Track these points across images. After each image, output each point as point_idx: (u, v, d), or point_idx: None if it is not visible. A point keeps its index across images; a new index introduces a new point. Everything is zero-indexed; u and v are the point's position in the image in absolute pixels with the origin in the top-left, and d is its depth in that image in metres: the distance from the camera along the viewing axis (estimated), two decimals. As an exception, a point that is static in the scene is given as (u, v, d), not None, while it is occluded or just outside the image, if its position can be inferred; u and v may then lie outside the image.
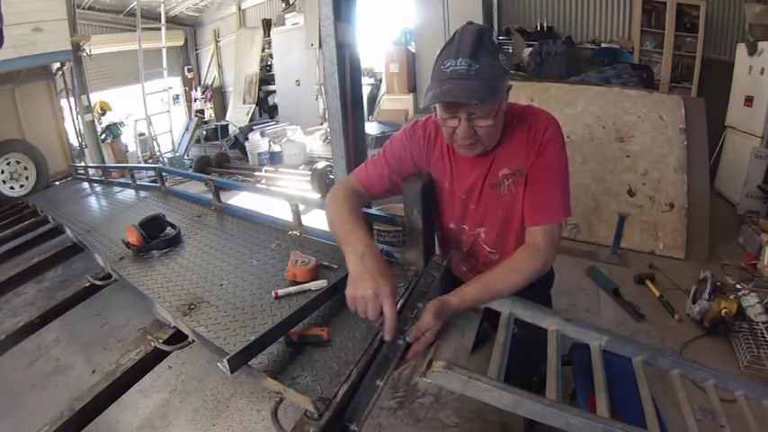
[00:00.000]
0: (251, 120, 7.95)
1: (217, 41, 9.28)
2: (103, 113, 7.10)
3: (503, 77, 0.97)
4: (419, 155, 1.18)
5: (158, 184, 2.43)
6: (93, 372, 2.11)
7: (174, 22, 8.81)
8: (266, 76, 8.26)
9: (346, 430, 0.74)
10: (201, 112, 8.87)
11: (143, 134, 6.86)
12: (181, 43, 9.38)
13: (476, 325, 1.00)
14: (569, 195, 1.08)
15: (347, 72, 2.25)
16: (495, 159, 1.09)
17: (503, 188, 1.10)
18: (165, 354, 1.12)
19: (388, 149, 1.20)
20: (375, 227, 2.49)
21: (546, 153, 1.04)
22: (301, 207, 1.55)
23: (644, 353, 0.98)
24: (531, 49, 4.90)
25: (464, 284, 1.00)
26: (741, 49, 3.84)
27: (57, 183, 4.09)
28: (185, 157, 6.90)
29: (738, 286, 2.32)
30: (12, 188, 3.81)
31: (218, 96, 9.38)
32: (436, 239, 1.29)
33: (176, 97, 8.78)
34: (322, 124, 6.19)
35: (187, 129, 7.34)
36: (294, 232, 1.52)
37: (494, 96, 0.95)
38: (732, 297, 2.17)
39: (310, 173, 4.62)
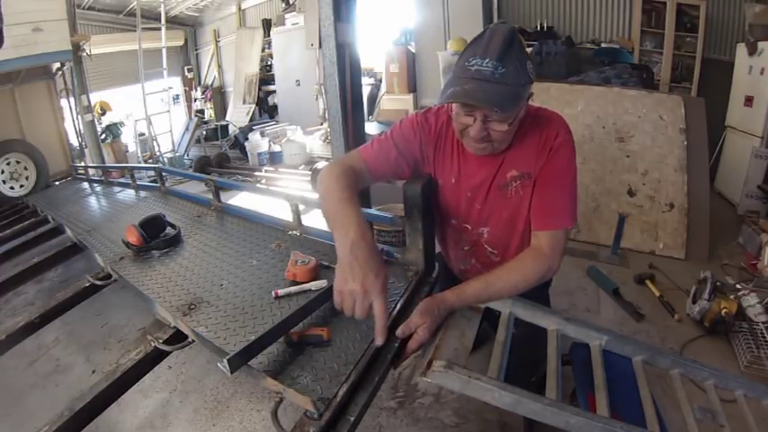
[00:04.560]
0: (251, 120, 7.93)
1: (217, 41, 9.27)
2: (103, 113, 7.07)
3: (527, 86, 0.95)
4: (427, 143, 1.14)
5: (158, 184, 2.43)
6: (93, 372, 2.10)
7: (174, 22, 8.80)
8: (266, 76, 8.24)
9: (344, 422, 0.75)
10: (201, 112, 8.86)
11: (143, 134, 6.85)
12: (181, 43, 9.36)
13: (476, 325, 1.00)
14: (576, 202, 1.07)
15: (347, 72, 2.26)
16: (505, 161, 1.08)
17: (510, 189, 1.09)
18: (165, 354, 1.12)
19: (397, 131, 1.15)
20: (375, 227, 2.49)
21: (556, 158, 1.03)
22: (301, 207, 1.55)
23: (644, 353, 0.98)
24: (531, 49, 4.89)
25: (464, 283, 1.00)
26: (741, 49, 3.84)
27: (57, 183, 4.08)
28: (185, 157, 6.90)
29: (738, 286, 2.32)
30: (12, 188, 3.79)
31: (218, 96, 9.36)
32: (436, 236, 1.28)
33: (176, 97, 8.76)
34: (322, 124, 6.18)
35: (187, 129, 7.34)
36: (294, 232, 1.52)
37: (515, 105, 0.92)
38: (732, 297, 2.17)
39: (310, 173, 4.62)
